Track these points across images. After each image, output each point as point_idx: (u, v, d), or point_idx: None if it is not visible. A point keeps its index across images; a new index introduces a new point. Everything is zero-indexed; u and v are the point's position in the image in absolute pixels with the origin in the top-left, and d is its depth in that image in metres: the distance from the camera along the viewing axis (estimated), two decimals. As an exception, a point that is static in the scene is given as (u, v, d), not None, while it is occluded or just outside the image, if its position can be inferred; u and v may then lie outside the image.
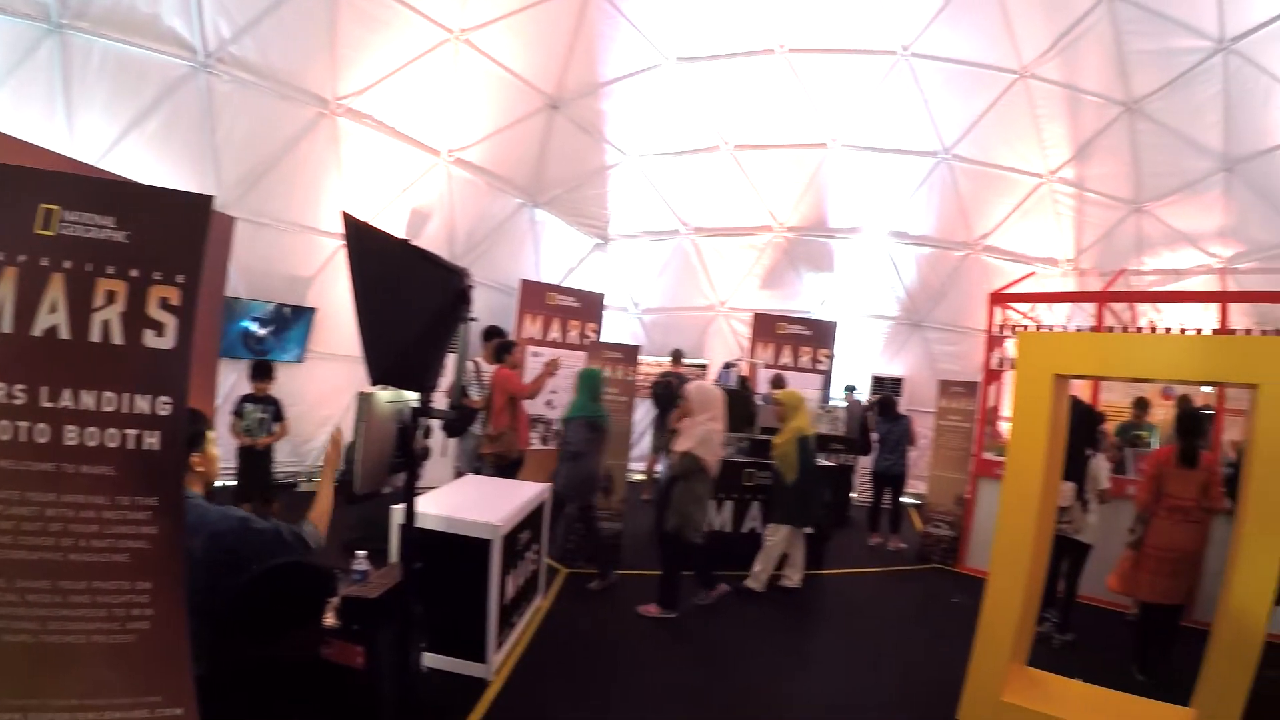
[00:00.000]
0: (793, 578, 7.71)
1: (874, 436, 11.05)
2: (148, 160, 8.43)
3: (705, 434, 6.64)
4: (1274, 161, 11.15)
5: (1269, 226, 11.63)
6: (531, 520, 5.92)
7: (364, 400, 3.14)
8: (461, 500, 5.52)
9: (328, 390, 10.52)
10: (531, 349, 11.82)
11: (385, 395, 3.28)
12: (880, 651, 6.47)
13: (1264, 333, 9.06)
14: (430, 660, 4.68)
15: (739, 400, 9.21)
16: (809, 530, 7.83)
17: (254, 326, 9.84)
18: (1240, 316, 10.02)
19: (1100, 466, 6.97)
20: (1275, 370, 4.35)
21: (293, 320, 10.21)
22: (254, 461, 7.50)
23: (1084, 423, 6.69)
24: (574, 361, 11.55)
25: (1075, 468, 6.59)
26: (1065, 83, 12.10)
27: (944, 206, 13.58)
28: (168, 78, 8.44)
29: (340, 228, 3.35)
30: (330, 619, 3.81)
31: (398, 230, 10.44)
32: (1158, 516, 6.07)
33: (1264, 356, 4.58)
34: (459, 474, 7.67)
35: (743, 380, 11.65)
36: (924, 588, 8.65)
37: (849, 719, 5.15)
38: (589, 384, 7.56)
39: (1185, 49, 11.05)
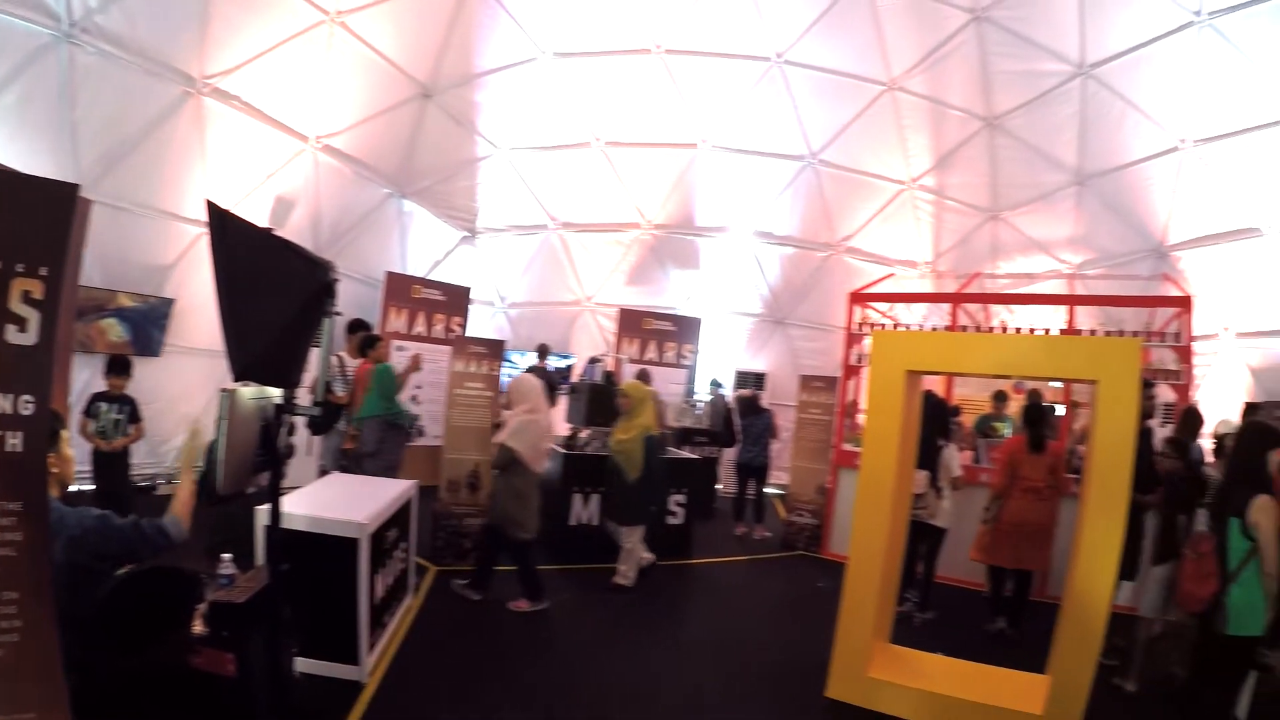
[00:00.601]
0: (645, 555, 7.82)
1: (738, 429, 11.48)
2: (-1, 136, 8.18)
3: (521, 425, 6.71)
4: (1123, 178, 12.19)
5: (1116, 236, 12.68)
6: (399, 518, 5.88)
7: (227, 397, 3.04)
8: (327, 499, 5.44)
9: (187, 386, 10.14)
10: (396, 343, 11.73)
11: (248, 392, 3.22)
12: (750, 635, 6.75)
13: (1108, 333, 9.85)
14: (302, 665, 4.60)
15: (604, 395, 9.40)
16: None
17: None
18: (1087, 318, 10.91)
19: (952, 455, 7.47)
20: (1112, 368, 4.92)
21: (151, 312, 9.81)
22: (109, 465, 7.16)
23: (936, 415, 7.24)
24: (439, 356, 11.61)
25: (929, 457, 7.09)
26: (931, 96, 12.84)
27: (809, 209, 14.18)
28: (27, 47, 7.94)
29: (202, 214, 3.35)
30: (198, 626, 3.73)
31: (261, 218, 10.16)
32: (1013, 496, 6.94)
33: (1102, 356, 5.16)
34: (323, 472, 7.58)
35: (608, 375, 11.84)
36: (790, 574, 9.07)
37: (722, 700, 5.33)
38: (380, 382, 7.62)
39: (1047, 72, 11.93)
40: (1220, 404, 10.54)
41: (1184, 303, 9.90)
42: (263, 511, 4.38)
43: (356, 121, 11.34)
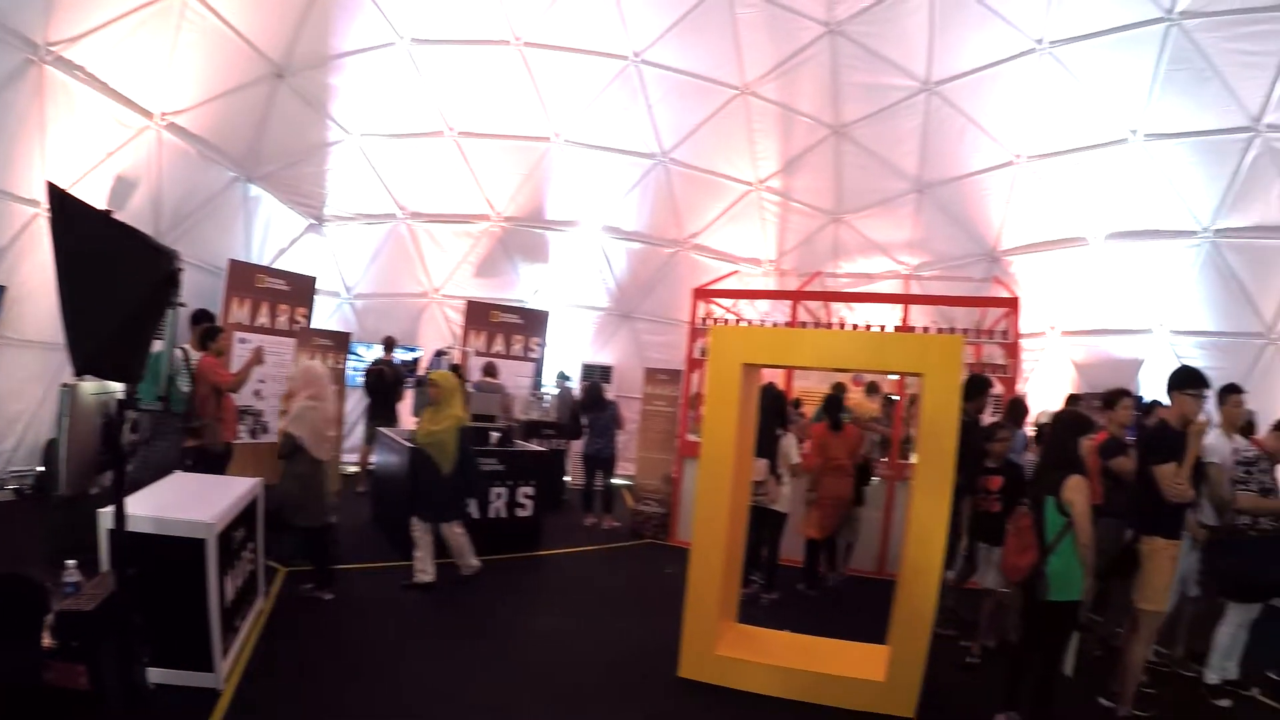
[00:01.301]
0: (471, 563, 7.65)
1: (584, 422, 11.72)
2: None
3: (303, 412, 6.66)
4: (961, 187, 13.35)
5: (952, 241, 13.87)
6: (245, 517, 5.75)
7: (68, 393, 2.97)
8: (171, 499, 5.22)
9: (18, 382, 9.37)
10: (239, 335, 11.39)
11: (90, 387, 3.19)
12: (604, 621, 7.05)
13: (940, 330, 10.49)
14: (153, 674, 4.35)
15: None
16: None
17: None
18: (922, 316, 11.79)
19: (790, 444, 8.04)
20: (935, 362, 5.42)
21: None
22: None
23: (775, 406, 7.84)
24: (282, 349, 11.47)
25: (768, 446, 7.65)
26: (782, 103, 13.55)
27: (658, 206, 14.86)
28: None
29: (38, 193, 3.15)
30: (46, 639, 3.54)
31: (99, 199, 9.64)
32: (824, 474, 8.13)
33: (926, 351, 5.67)
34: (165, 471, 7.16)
35: (455, 368, 11.90)
36: (639, 561, 9.52)
37: (577, 685, 5.51)
38: (154, 368, 7.21)
39: (894, 86, 12.86)
40: (1047, 395, 11.73)
41: (1012, 303, 10.71)
42: (107, 514, 4.17)
43: (204, 99, 10.80)
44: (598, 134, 14.01)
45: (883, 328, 10.37)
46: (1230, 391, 6.34)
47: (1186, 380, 5.39)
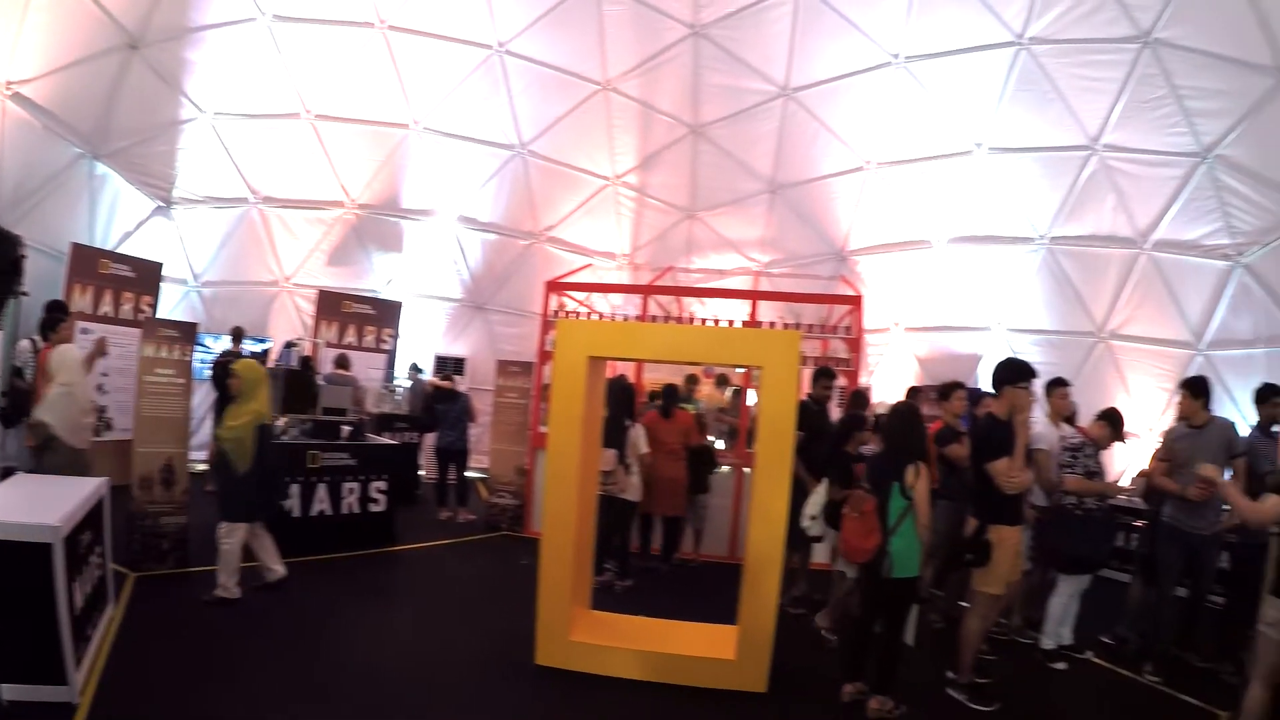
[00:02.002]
0: (276, 569, 7.30)
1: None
2: None
3: (56, 399, 6.54)
4: (812, 189, 14.31)
5: (801, 240, 14.81)
6: (92, 520, 5.52)
7: None
8: (12, 500, 5.08)
9: None
10: (80, 324, 10.83)
11: None
12: (462, 613, 7.25)
13: (786, 325, 11.37)
14: (4, 691, 4.29)
15: (301, 381, 9.60)
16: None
17: None
18: (771, 311, 12.39)
19: (639, 434, 8.36)
20: (774, 355, 5.77)
21: None
22: None
23: (624, 398, 8.26)
24: (127, 340, 11.09)
25: (617, 436, 8.00)
26: (643, 100, 14.07)
27: (515, 197, 15.10)
28: None
29: None
30: None
31: None
32: (659, 458, 8.72)
33: (765, 345, 6.06)
34: (8, 472, 6.71)
35: (305, 360, 11.97)
36: (495, 554, 9.70)
37: (432, 678, 5.63)
38: None
39: (753, 90, 13.57)
40: (891, 388, 12.70)
41: (855, 301, 11.41)
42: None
43: (52, 68, 10.16)
44: (457, 123, 14.13)
45: (730, 322, 10.87)
46: (1056, 385, 7.23)
47: (1016, 374, 5.82)
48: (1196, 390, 6.79)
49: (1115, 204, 12.88)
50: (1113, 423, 7.55)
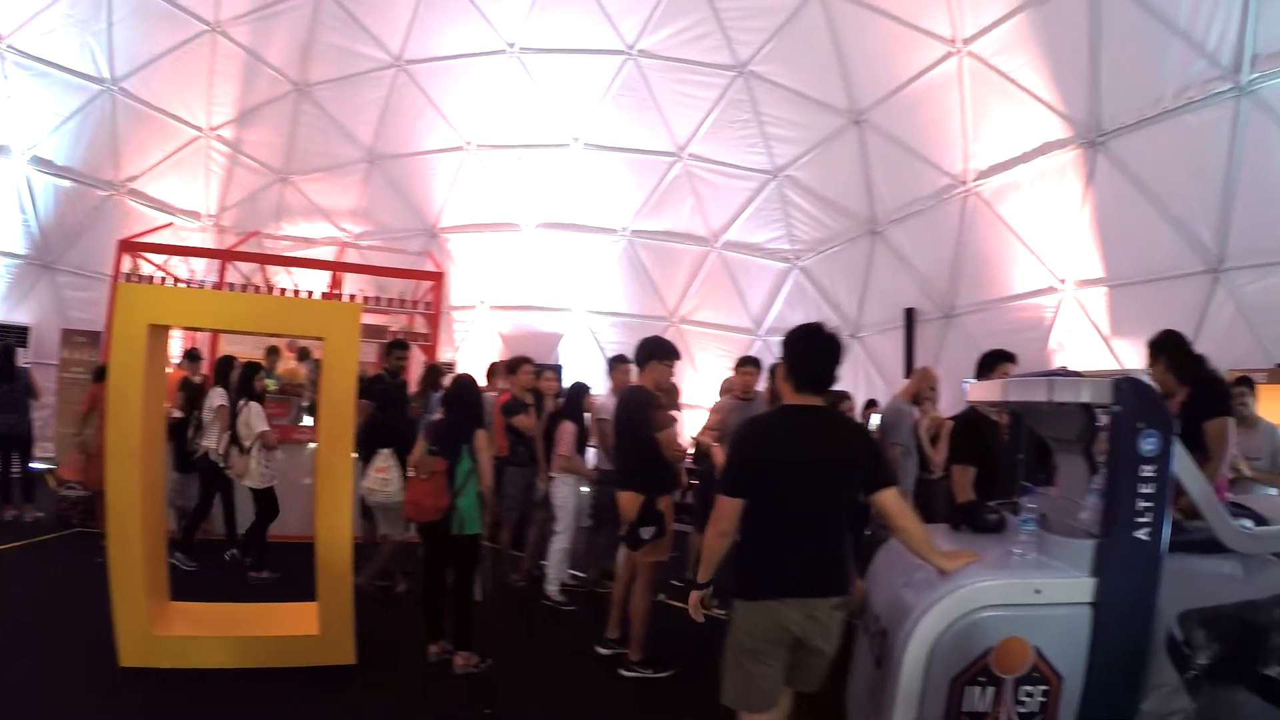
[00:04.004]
0: None
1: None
2: None
3: None
4: (411, 164, 15.47)
5: (394, 213, 15.80)
6: None
7: None
8: None
9: None
10: None
11: None
12: (37, 622, 6.77)
13: (367, 298, 12.20)
14: None
15: None
16: None
17: None
18: (358, 283, 13.48)
19: (255, 413, 8.10)
20: (336, 328, 5.99)
21: None
22: None
23: (238, 373, 8.64)
24: None
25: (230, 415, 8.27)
26: (252, 49, 14.11)
27: (97, 140, 13.96)
28: None
29: None
30: None
31: None
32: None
33: (327, 316, 6.31)
34: None
35: None
36: (68, 553, 9.00)
37: (15, 690, 5.34)
38: None
39: (367, 55, 14.24)
40: (476, 363, 13.52)
41: (437, 277, 12.62)
42: None
43: None
44: (41, 50, 12.91)
45: (310, 294, 11.70)
46: (619, 361, 8.34)
47: (661, 352, 6.49)
48: (757, 366, 8.09)
49: (693, 206, 15.39)
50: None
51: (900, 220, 13.82)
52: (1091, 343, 10.85)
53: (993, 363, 6.62)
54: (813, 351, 4.06)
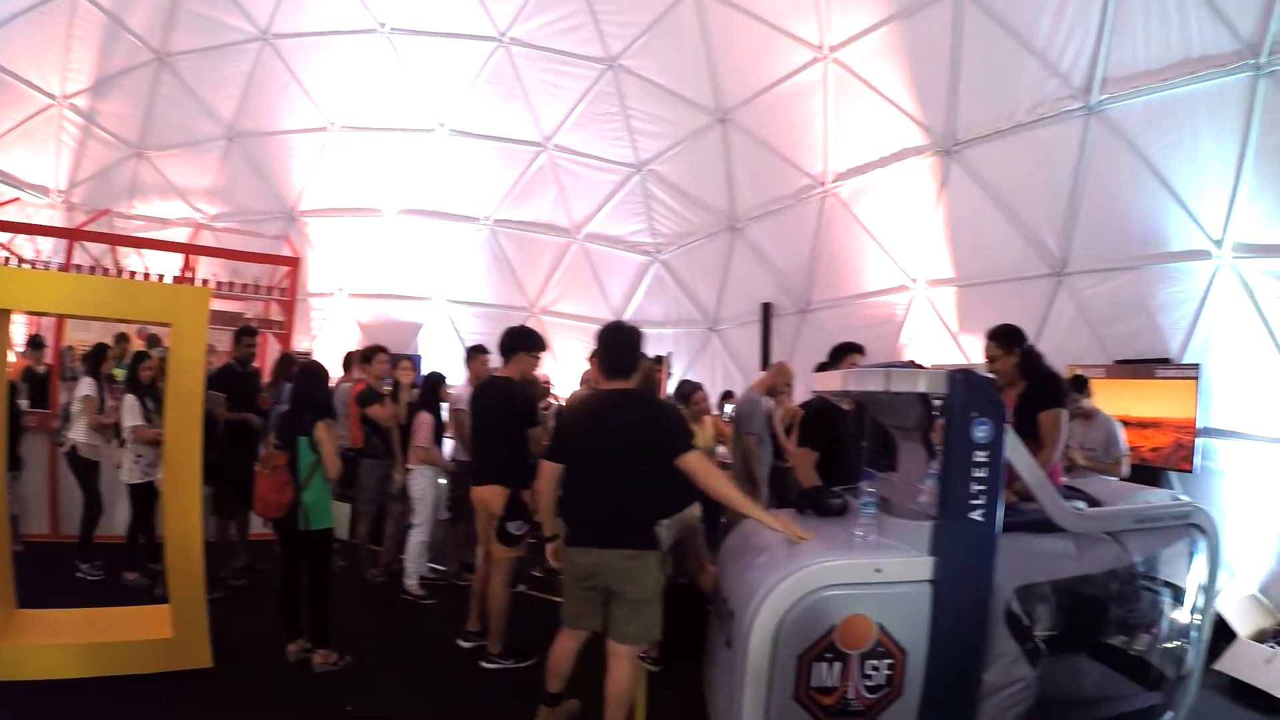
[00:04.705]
0: None
1: None
2: None
3: None
4: (272, 143, 15.43)
5: (253, 194, 15.65)
6: None
7: None
8: None
9: None
10: None
11: None
12: None
13: (220, 283, 12.29)
14: None
15: None
16: None
17: None
18: (213, 267, 13.45)
19: (127, 405, 7.94)
20: (183, 313, 5.94)
21: None
22: None
23: (101, 362, 8.67)
24: None
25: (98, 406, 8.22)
26: (113, 12, 13.57)
27: None
28: None
29: None
30: None
31: None
32: None
33: (174, 301, 6.21)
34: None
35: None
36: None
37: None
38: None
39: (233, 26, 14.02)
40: (333, 352, 13.64)
41: (293, 263, 12.71)
42: None
43: None
44: None
45: (160, 277, 11.63)
46: (478, 351, 8.74)
47: (527, 342, 6.70)
48: None
49: (557, 197, 15.93)
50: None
51: (760, 218, 14.69)
52: (940, 339, 11.74)
53: (842, 354, 7.20)
54: (615, 344, 4.99)
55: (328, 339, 15.87)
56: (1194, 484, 8.34)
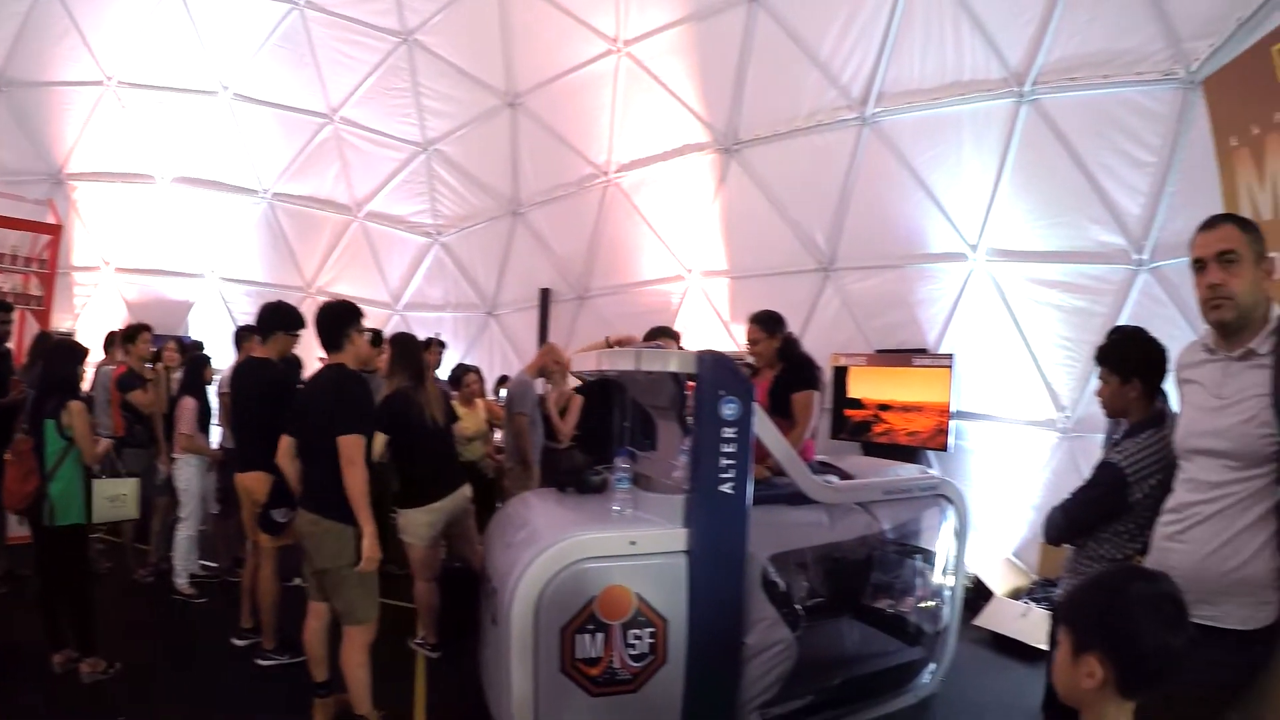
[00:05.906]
0: None
1: None
2: None
3: None
4: (43, 94, 14.24)
5: (16, 151, 14.32)
6: None
7: None
8: None
9: None
10: None
11: None
12: None
13: None
14: None
15: None
16: None
17: None
18: None
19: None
20: None
21: None
22: None
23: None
24: None
25: None
26: None
27: None
28: None
29: None
30: None
31: None
32: None
33: None
34: None
35: None
36: None
37: None
38: None
39: None
40: (98, 331, 12.34)
41: (55, 231, 12.19)
42: None
43: None
44: None
45: None
46: (250, 332, 7.85)
47: (287, 320, 6.56)
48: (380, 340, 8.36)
49: (339, 172, 15.70)
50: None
51: (542, 204, 15.07)
52: (713, 326, 12.46)
53: (655, 337, 7.48)
54: (322, 319, 5.33)
55: (91, 317, 14.73)
56: (950, 461, 9.58)
